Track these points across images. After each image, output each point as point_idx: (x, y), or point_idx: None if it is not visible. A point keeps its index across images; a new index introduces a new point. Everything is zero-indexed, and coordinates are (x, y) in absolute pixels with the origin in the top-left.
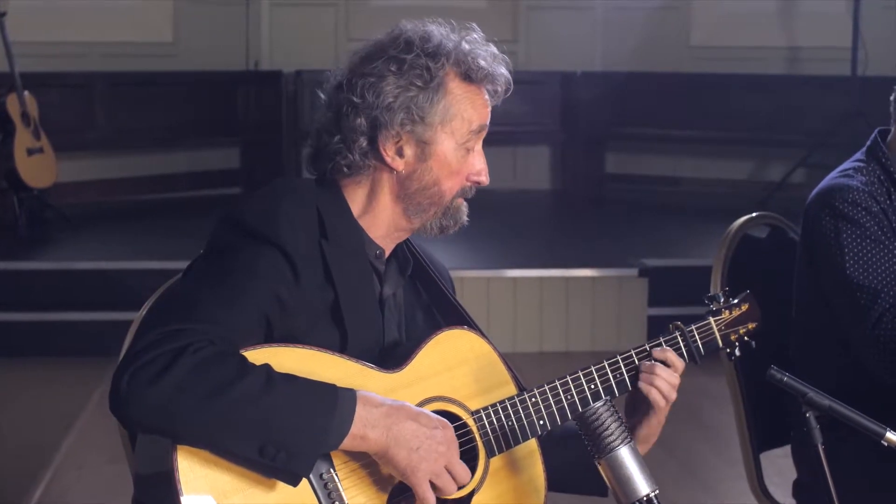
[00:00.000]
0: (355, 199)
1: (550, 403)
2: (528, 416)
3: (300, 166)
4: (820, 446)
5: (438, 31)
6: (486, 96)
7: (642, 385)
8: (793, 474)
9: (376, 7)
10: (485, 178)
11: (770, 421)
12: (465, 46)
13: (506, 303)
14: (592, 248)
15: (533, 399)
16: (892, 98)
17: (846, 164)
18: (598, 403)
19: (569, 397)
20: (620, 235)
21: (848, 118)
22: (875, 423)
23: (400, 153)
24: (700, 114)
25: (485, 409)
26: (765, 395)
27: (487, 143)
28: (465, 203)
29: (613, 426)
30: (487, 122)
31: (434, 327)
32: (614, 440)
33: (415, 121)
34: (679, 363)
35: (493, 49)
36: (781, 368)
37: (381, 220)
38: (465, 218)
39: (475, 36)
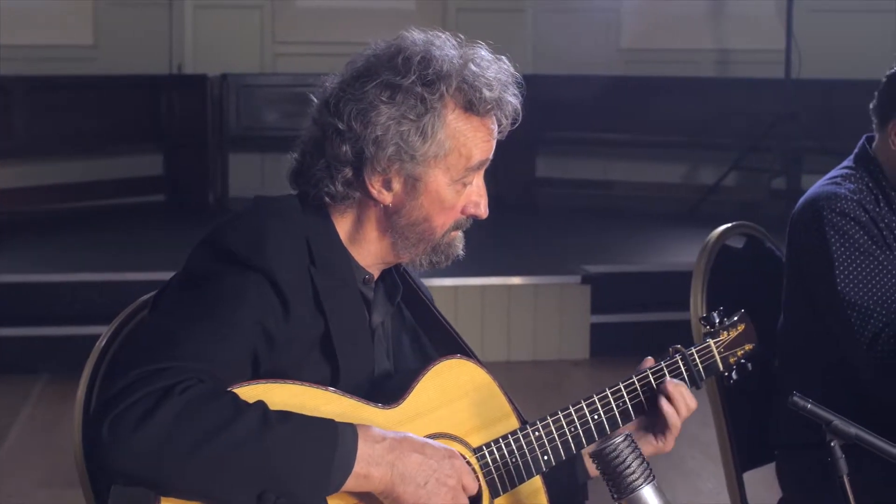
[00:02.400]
0: (342, 224)
1: (554, 437)
2: (531, 451)
3: (226, 173)
4: (845, 477)
5: (442, 51)
6: (492, 127)
7: (664, 404)
8: (777, 493)
9: (302, 8)
10: (483, 212)
11: (754, 440)
12: (471, 71)
13: (447, 313)
14: (532, 255)
15: (536, 433)
16: (871, 106)
17: (834, 172)
18: (618, 439)
19: (572, 430)
20: (558, 241)
21: (781, 121)
22: None
23: (387, 187)
24: (631, 117)
25: (487, 445)
26: (747, 414)
27: None
28: (460, 235)
29: (635, 464)
30: (489, 157)
31: (421, 352)
32: (636, 479)
33: (404, 158)
34: (692, 404)
35: (504, 72)
36: (766, 383)
37: (368, 250)
38: (460, 251)
39: (483, 54)
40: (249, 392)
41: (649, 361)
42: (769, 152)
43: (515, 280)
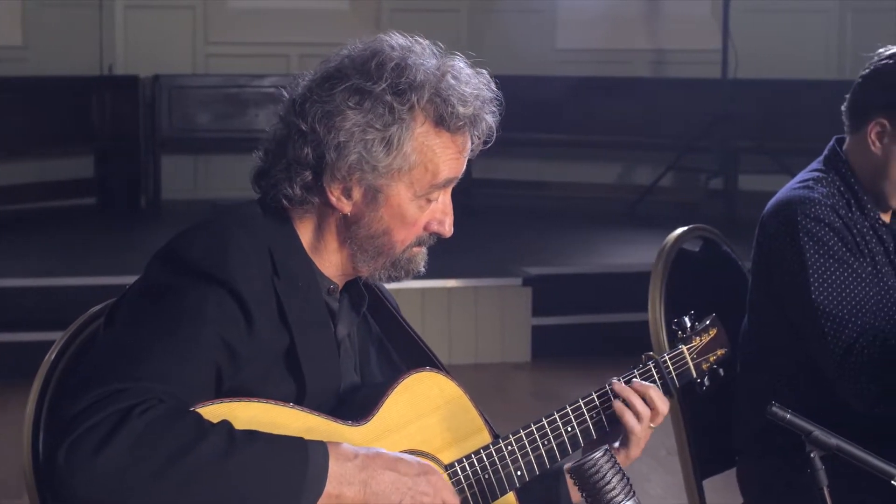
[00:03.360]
0: (304, 232)
1: (528, 451)
2: (504, 466)
3: (159, 176)
4: (825, 489)
5: (419, 59)
6: (463, 144)
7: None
8: (738, 500)
9: (235, 9)
10: (448, 231)
11: (713, 445)
12: (447, 84)
13: None
14: (471, 257)
15: (509, 447)
16: (843, 108)
17: (804, 175)
18: (598, 454)
19: (546, 443)
20: (497, 243)
21: (718, 121)
22: (886, 463)
23: (347, 195)
24: (567, 117)
25: (459, 461)
26: (707, 419)
27: None
28: (422, 251)
29: (615, 479)
30: (458, 175)
31: (388, 364)
32: (616, 494)
33: (365, 168)
34: (661, 404)
35: (484, 88)
36: (726, 386)
37: (329, 260)
38: (421, 268)
39: (463, 67)
40: (213, 412)
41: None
42: (706, 152)
43: (455, 283)
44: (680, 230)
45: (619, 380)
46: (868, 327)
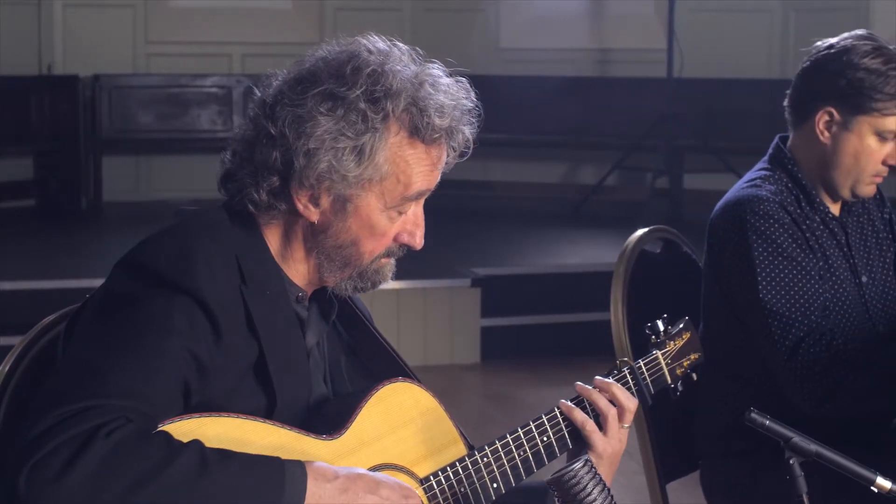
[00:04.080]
0: (272, 238)
1: (503, 462)
2: (480, 478)
3: (99, 177)
4: (805, 496)
5: (397, 66)
6: (438, 156)
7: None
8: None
9: (176, 8)
10: (418, 243)
11: (677, 449)
12: (425, 93)
13: None
14: (420, 257)
15: (485, 459)
16: (785, 104)
17: (750, 175)
18: (578, 464)
19: (521, 453)
20: (445, 244)
21: (664, 120)
22: (864, 468)
23: (315, 203)
24: (511, 117)
25: (434, 475)
26: (670, 422)
27: None
28: (391, 262)
29: (595, 490)
30: (431, 188)
31: (359, 374)
32: None
33: (334, 177)
34: (628, 403)
35: (462, 99)
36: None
37: (296, 268)
38: (389, 279)
39: (441, 75)
40: (180, 428)
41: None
42: (652, 151)
43: (403, 284)
44: (641, 231)
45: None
46: (815, 327)
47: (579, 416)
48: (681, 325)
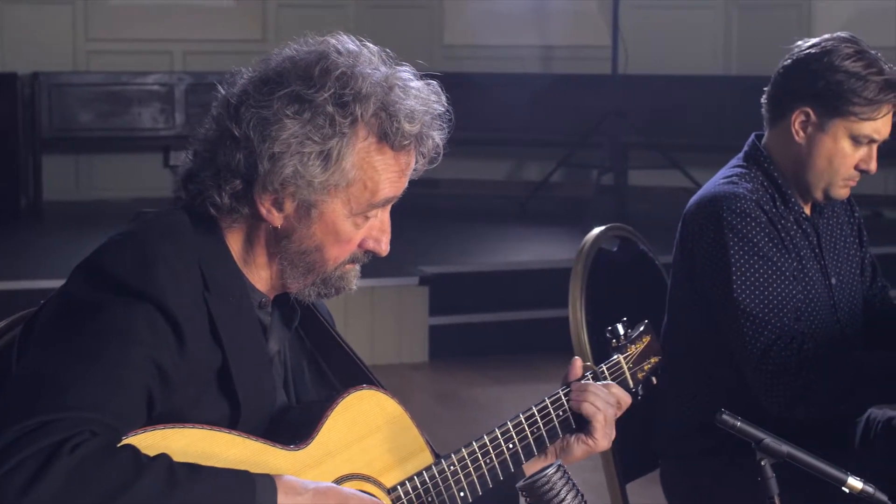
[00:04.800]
0: (234, 242)
1: (470, 471)
2: (448, 488)
3: (39, 176)
4: (776, 497)
5: (367, 68)
6: (407, 162)
7: (578, 404)
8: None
9: (116, 5)
10: (384, 250)
11: (636, 449)
12: (395, 97)
13: None
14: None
15: (452, 468)
16: (762, 100)
17: (726, 171)
18: (550, 470)
19: (488, 462)
20: (392, 242)
21: (609, 117)
22: (835, 468)
23: (278, 207)
24: (456, 114)
25: (402, 484)
26: (629, 422)
27: None
28: (355, 268)
29: (569, 496)
30: (399, 195)
31: (322, 381)
32: None
33: (300, 182)
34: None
35: (433, 103)
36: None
37: (259, 274)
38: (353, 286)
39: (411, 78)
40: (144, 441)
41: (576, 368)
42: (597, 148)
43: None
44: (598, 230)
45: (561, 391)
46: (787, 329)
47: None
48: (641, 329)
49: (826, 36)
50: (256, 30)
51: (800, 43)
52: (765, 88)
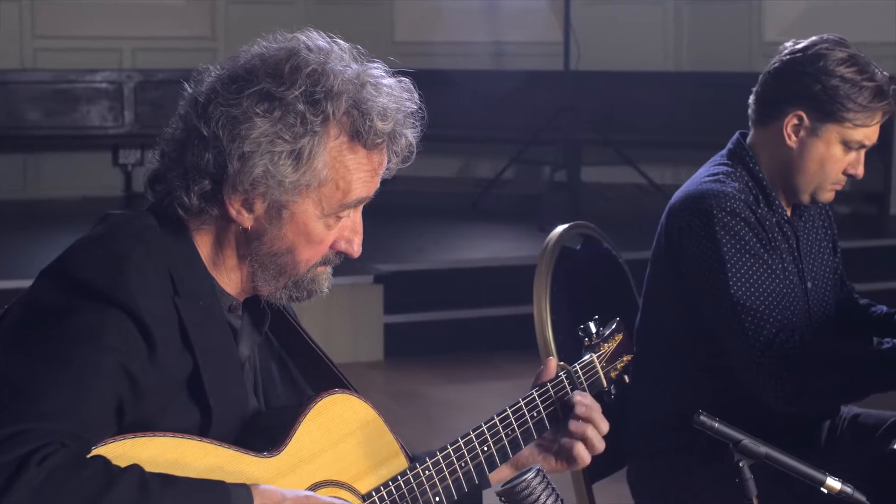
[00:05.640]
0: (203, 245)
1: (445, 475)
2: (423, 493)
3: None
4: (755, 499)
5: (338, 65)
6: (379, 161)
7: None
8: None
9: (64, 2)
10: (356, 251)
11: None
12: (367, 94)
13: None
14: None
15: (426, 472)
16: (750, 101)
17: (712, 169)
18: (530, 475)
19: (463, 465)
20: None
21: (562, 113)
22: (814, 469)
23: (248, 208)
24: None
25: (377, 490)
26: None
27: None
28: (327, 270)
29: (549, 501)
30: (371, 195)
31: (292, 385)
32: None
33: (270, 182)
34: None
35: (405, 101)
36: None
37: (229, 277)
38: (325, 289)
39: (383, 76)
40: (113, 450)
41: (550, 369)
42: (550, 145)
43: None
44: (561, 228)
45: (535, 392)
46: (787, 323)
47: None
48: (613, 327)
49: (815, 38)
50: (206, 27)
51: (786, 45)
52: (753, 88)
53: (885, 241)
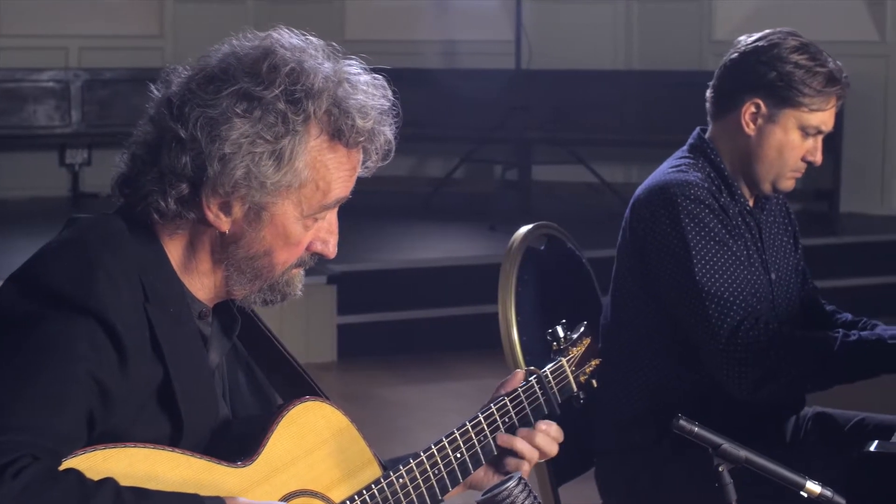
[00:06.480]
0: (173, 250)
1: (419, 483)
2: (397, 501)
3: None
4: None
5: (315, 62)
6: (358, 159)
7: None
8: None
9: (9, 1)
10: (331, 252)
11: (568, 450)
12: (345, 92)
13: None
14: None
15: (400, 480)
16: (707, 95)
17: (673, 161)
18: (511, 483)
19: (436, 472)
20: None
21: (513, 112)
22: (794, 473)
23: (226, 211)
24: None
25: (351, 499)
26: (560, 422)
27: None
28: (300, 273)
29: None
30: (349, 195)
31: (258, 392)
32: None
33: (252, 184)
34: (550, 447)
35: (382, 97)
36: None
37: (201, 282)
38: (299, 291)
39: (359, 72)
40: (84, 463)
41: (515, 380)
42: (501, 143)
43: None
44: (525, 229)
45: (504, 398)
46: (752, 310)
47: (527, 448)
48: (581, 330)
49: (769, 30)
50: (154, 25)
51: (742, 38)
52: (708, 83)
53: (836, 238)
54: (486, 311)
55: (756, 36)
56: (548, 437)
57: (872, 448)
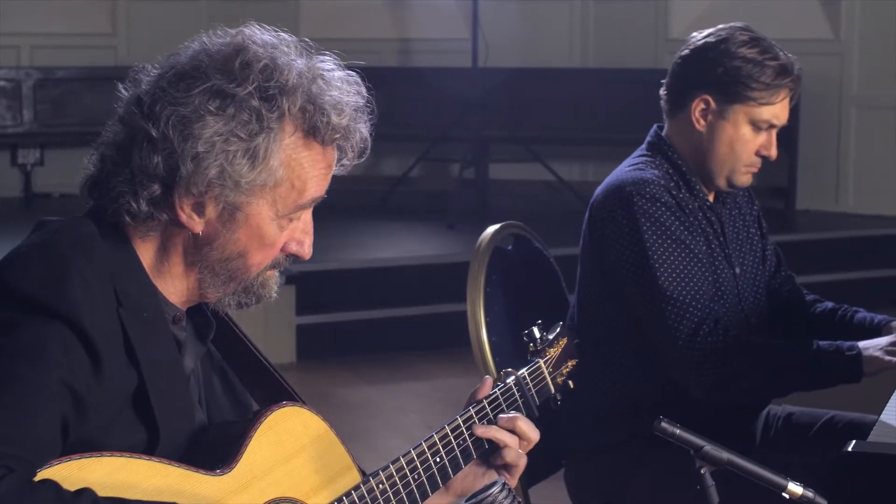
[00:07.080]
0: (145, 253)
1: (399, 488)
2: None
3: None
4: None
5: (288, 58)
6: (333, 157)
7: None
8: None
9: None
10: (307, 253)
11: (539, 451)
12: (319, 88)
13: None
14: None
15: (380, 486)
16: (661, 92)
17: (631, 160)
18: (495, 489)
19: (416, 477)
20: None
21: (470, 110)
22: (776, 475)
23: (199, 212)
24: None
25: None
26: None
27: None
28: (276, 274)
29: None
30: (324, 194)
31: (233, 397)
32: None
33: (226, 183)
34: (531, 432)
35: (356, 94)
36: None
37: (174, 285)
38: (274, 293)
39: (333, 68)
40: (59, 473)
41: (486, 386)
42: (459, 142)
43: None
44: (492, 228)
45: (483, 401)
46: (710, 312)
47: (508, 437)
48: (557, 331)
49: (721, 25)
50: (106, 23)
51: (695, 34)
52: (662, 81)
53: (793, 235)
54: (446, 311)
55: (706, 32)
56: (527, 421)
57: (850, 448)
